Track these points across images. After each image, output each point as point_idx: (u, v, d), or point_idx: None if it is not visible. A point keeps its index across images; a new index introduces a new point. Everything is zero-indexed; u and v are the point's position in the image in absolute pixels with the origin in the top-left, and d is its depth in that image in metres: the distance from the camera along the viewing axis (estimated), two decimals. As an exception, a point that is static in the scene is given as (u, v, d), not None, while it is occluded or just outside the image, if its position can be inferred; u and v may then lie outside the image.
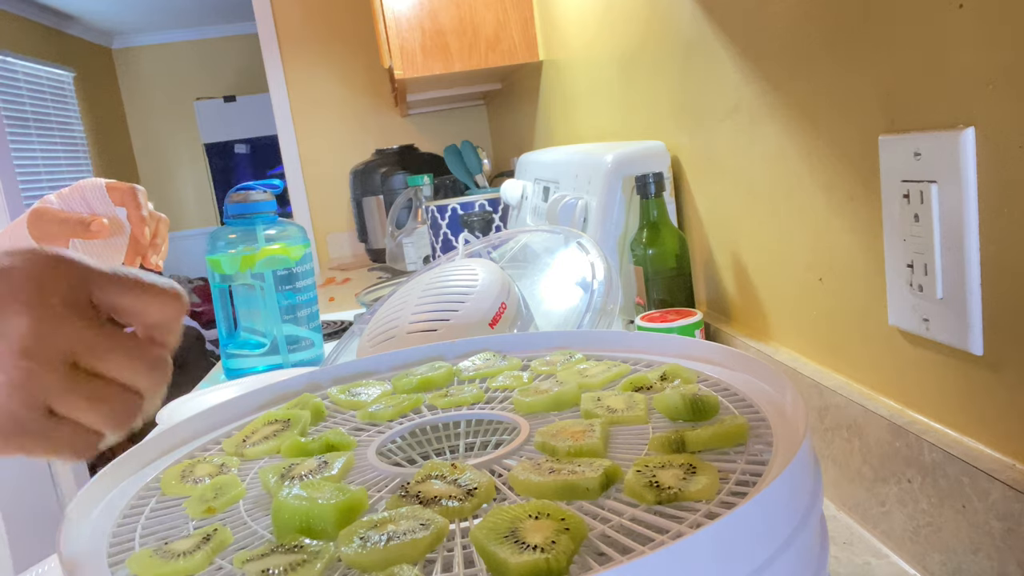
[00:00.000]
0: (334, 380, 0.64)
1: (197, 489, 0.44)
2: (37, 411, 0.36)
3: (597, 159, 1.08)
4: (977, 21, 0.45)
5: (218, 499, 0.43)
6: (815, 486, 0.36)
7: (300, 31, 3.01)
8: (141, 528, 0.42)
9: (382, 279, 2.03)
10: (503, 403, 0.53)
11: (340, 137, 3.09)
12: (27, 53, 4.37)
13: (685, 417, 0.45)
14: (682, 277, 0.95)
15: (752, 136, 0.78)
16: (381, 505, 0.40)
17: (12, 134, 4.04)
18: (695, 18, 0.88)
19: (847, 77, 0.59)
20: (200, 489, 0.44)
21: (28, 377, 0.35)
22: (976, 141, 0.47)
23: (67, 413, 0.37)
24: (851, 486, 0.62)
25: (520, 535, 0.33)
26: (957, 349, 0.51)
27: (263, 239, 1.19)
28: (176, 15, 5.13)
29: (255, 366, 1.22)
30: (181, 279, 4.70)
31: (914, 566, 0.55)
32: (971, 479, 0.48)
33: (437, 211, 1.79)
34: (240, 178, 5.68)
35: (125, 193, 0.84)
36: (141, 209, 0.84)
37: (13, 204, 2.48)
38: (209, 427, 0.57)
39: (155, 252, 0.85)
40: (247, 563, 0.35)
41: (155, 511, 0.44)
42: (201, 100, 5.57)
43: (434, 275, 0.89)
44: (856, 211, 0.61)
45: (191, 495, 0.44)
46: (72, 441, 0.37)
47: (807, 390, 0.68)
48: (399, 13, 1.79)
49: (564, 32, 1.56)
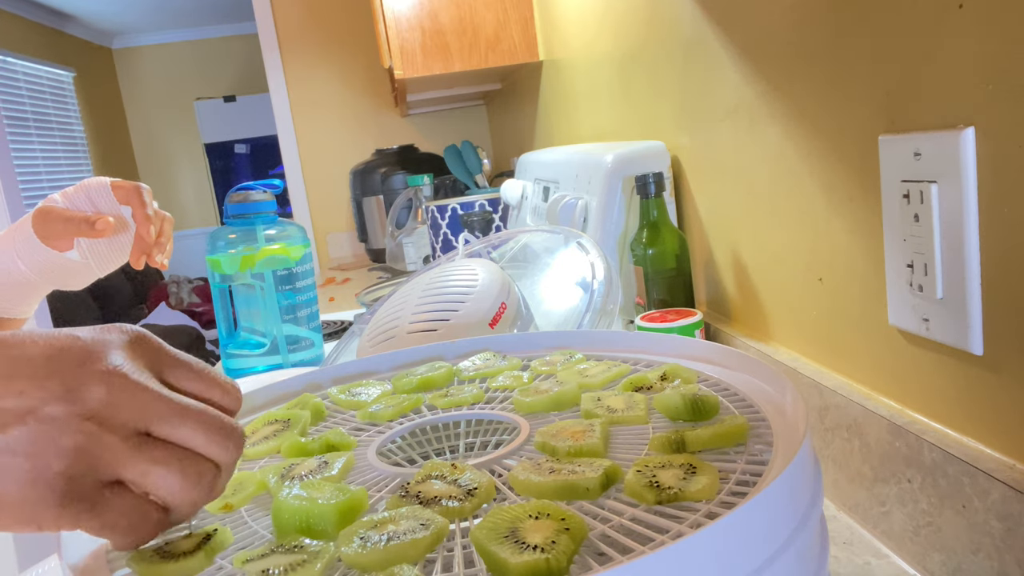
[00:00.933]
0: (334, 380, 0.64)
1: None
2: (99, 478, 0.33)
3: (597, 159, 1.08)
4: (977, 21, 0.45)
5: (236, 495, 0.43)
6: (815, 486, 0.36)
7: (300, 31, 3.01)
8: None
9: (382, 279, 2.03)
10: (503, 403, 0.53)
11: (340, 137, 3.09)
12: (27, 53, 4.37)
13: (685, 417, 0.45)
14: (682, 277, 0.95)
15: (752, 136, 0.78)
16: (381, 505, 0.40)
17: (12, 134, 4.04)
18: (695, 18, 0.88)
19: (847, 77, 0.59)
20: None
21: (92, 440, 0.33)
22: (976, 141, 0.47)
23: (134, 477, 0.34)
24: (851, 486, 0.62)
25: (520, 535, 0.33)
26: (957, 349, 0.51)
27: (263, 239, 1.19)
28: (176, 15, 5.13)
29: (255, 366, 1.22)
30: (181, 279, 4.70)
31: (914, 566, 0.55)
32: (971, 479, 0.48)
33: (437, 211, 1.79)
34: (240, 178, 5.68)
35: (130, 191, 0.83)
36: (146, 207, 0.83)
37: (13, 204, 2.48)
38: (209, 427, 0.57)
39: (160, 251, 0.84)
40: (247, 563, 0.35)
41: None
42: (201, 100, 5.58)
43: (434, 275, 0.89)
44: (856, 211, 0.61)
45: None
46: (131, 516, 0.34)
47: (807, 390, 0.68)
48: (399, 13, 1.79)
49: (564, 32, 1.56)
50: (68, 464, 0.32)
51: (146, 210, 0.83)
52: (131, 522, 0.34)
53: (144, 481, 0.34)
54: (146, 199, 0.84)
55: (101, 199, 0.83)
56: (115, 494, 0.34)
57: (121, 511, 0.34)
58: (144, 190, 0.84)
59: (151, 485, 0.34)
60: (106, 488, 0.33)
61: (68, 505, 0.32)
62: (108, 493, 0.33)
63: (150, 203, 0.85)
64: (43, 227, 0.80)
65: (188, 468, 0.35)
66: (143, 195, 0.84)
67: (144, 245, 0.83)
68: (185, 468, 0.34)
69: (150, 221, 0.83)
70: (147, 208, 0.83)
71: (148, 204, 0.84)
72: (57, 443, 0.32)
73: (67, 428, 0.32)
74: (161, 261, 0.84)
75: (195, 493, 0.35)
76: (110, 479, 0.34)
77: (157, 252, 0.84)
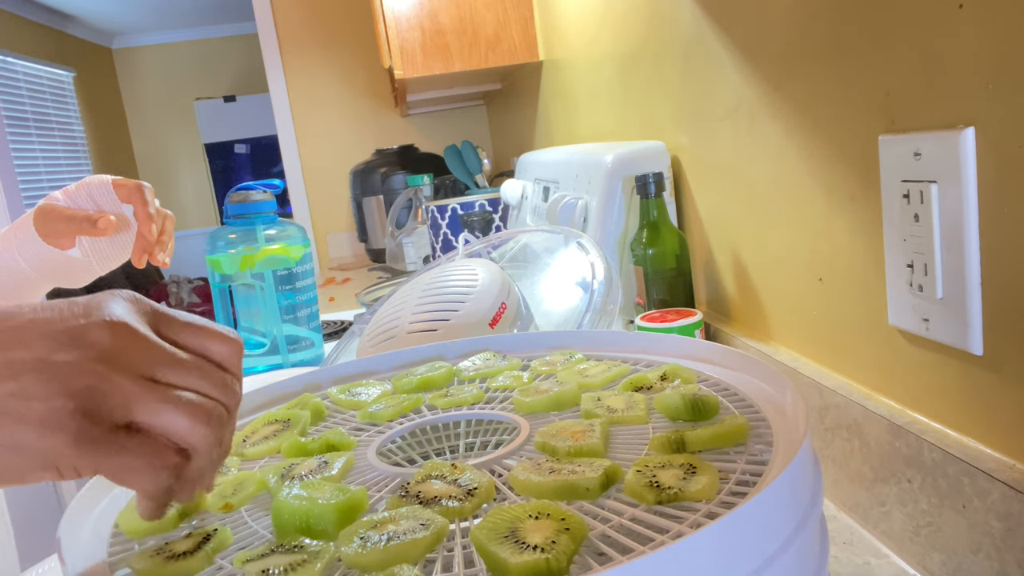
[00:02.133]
0: (334, 380, 0.64)
1: None
2: (113, 420, 0.34)
3: (597, 159, 1.08)
4: (977, 21, 0.45)
5: (236, 495, 0.43)
6: (815, 486, 0.36)
7: (300, 31, 3.01)
8: (141, 528, 0.41)
9: (382, 279, 2.03)
10: (503, 403, 0.53)
11: (340, 137, 3.10)
12: (27, 53, 4.37)
13: (685, 417, 0.45)
14: (682, 277, 0.95)
15: (752, 136, 0.78)
16: (381, 505, 0.40)
17: (12, 134, 4.04)
18: (695, 18, 0.88)
19: (847, 77, 0.59)
20: (219, 486, 0.44)
21: (103, 380, 0.34)
22: (976, 141, 0.47)
23: (146, 417, 0.34)
24: (851, 486, 0.62)
25: (520, 535, 0.33)
26: (957, 349, 0.51)
27: (263, 239, 1.19)
28: (176, 15, 5.13)
29: (255, 366, 1.22)
30: (181, 279, 4.70)
31: (914, 566, 0.55)
32: (971, 479, 0.48)
33: (437, 211, 1.79)
34: (240, 178, 5.68)
35: (131, 190, 0.83)
36: (148, 206, 0.83)
37: (13, 204, 2.48)
38: (209, 427, 0.57)
39: (162, 249, 0.84)
40: (247, 563, 0.35)
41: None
42: (201, 100, 5.57)
43: (434, 275, 0.89)
44: (856, 211, 0.61)
45: None
46: (148, 456, 0.34)
47: (807, 390, 0.68)
48: (399, 13, 1.79)
49: (564, 32, 1.56)
50: (81, 404, 0.33)
51: (148, 208, 0.83)
52: (149, 463, 0.34)
53: (157, 420, 0.35)
54: (148, 197, 0.84)
55: (103, 197, 0.83)
56: (130, 436, 0.34)
57: (137, 452, 0.34)
58: (146, 188, 0.84)
59: (164, 423, 0.35)
60: (121, 430, 0.34)
61: (84, 445, 0.33)
62: (123, 435, 0.34)
63: (152, 201, 0.85)
64: (45, 225, 0.80)
65: (197, 408, 0.35)
66: (145, 193, 0.84)
67: (146, 243, 0.83)
68: (194, 407, 0.35)
69: (152, 219, 0.83)
70: (149, 206, 0.83)
71: (150, 202, 0.84)
72: (69, 385, 0.33)
73: (78, 371, 0.33)
74: (163, 259, 0.84)
75: (207, 430, 0.35)
76: (123, 421, 0.34)
77: (159, 250, 0.84)
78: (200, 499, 0.43)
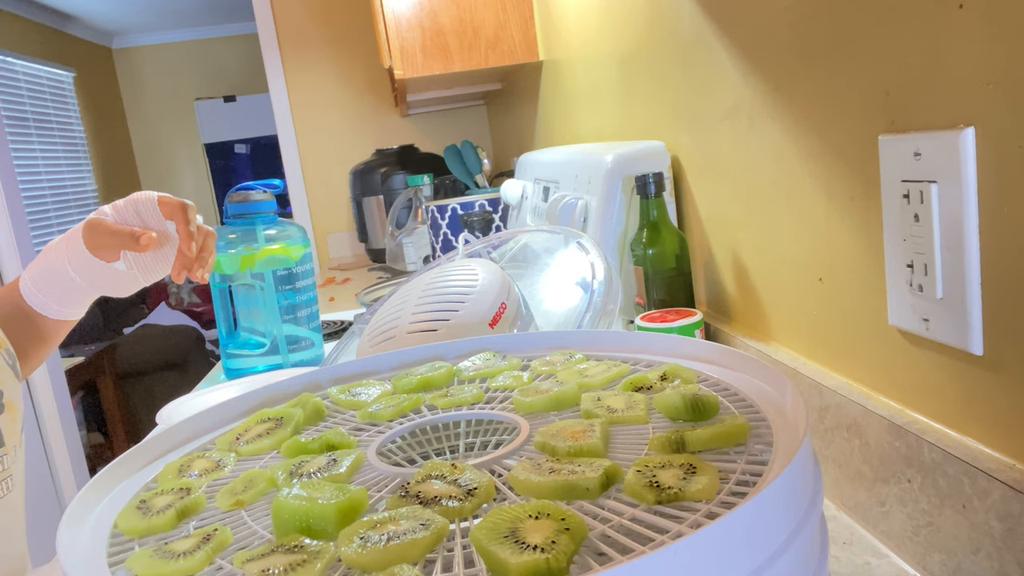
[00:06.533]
0: (334, 380, 0.64)
1: (191, 482, 0.44)
2: None
3: (597, 159, 1.08)
4: (977, 21, 0.45)
5: (247, 492, 0.43)
6: (815, 486, 0.36)
7: (300, 31, 3.01)
8: (141, 528, 0.41)
9: (382, 279, 2.03)
10: (503, 403, 0.53)
11: (340, 137, 3.10)
12: (27, 53, 4.37)
13: (685, 417, 0.45)
14: (682, 277, 0.95)
15: (752, 136, 0.78)
16: (381, 505, 0.40)
17: (12, 134, 4.04)
18: (695, 18, 0.88)
19: (847, 77, 0.59)
20: (230, 483, 0.44)
21: None
22: (976, 141, 0.47)
23: None
24: (851, 486, 0.62)
25: (520, 535, 0.33)
26: (957, 349, 0.51)
27: (263, 239, 1.19)
28: (176, 15, 5.13)
29: (255, 366, 1.22)
30: (181, 279, 4.69)
31: (914, 566, 0.55)
32: (971, 479, 0.48)
33: (437, 211, 1.79)
34: (240, 178, 5.68)
35: (174, 208, 0.88)
36: (189, 224, 0.88)
37: (13, 204, 2.48)
38: (209, 427, 0.57)
39: (201, 265, 0.89)
40: (247, 563, 0.35)
41: (155, 511, 0.43)
42: (201, 100, 5.57)
43: (434, 275, 0.89)
44: (856, 211, 0.61)
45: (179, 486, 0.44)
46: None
47: (807, 390, 0.68)
48: (399, 13, 1.79)
49: (564, 32, 1.56)
50: None
51: (189, 227, 0.88)
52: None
53: None
54: (190, 216, 0.89)
55: (148, 213, 0.88)
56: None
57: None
58: (189, 207, 0.89)
59: None
60: None
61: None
62: None
63: (194, 219, 0.89)
64: (92, 239, 0.85)
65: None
66: (187, 212, 0.88)
67: (185, 260, 0.87)
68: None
69: (192, 237, 0.87)
70: (191, 225, 0.88)
71: (192, 221, 0.89)
72: None
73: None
74: (202, 275, 0.89)
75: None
76: None
77: (198, 267, 0.88)
78: (200, 500, 0.43)
